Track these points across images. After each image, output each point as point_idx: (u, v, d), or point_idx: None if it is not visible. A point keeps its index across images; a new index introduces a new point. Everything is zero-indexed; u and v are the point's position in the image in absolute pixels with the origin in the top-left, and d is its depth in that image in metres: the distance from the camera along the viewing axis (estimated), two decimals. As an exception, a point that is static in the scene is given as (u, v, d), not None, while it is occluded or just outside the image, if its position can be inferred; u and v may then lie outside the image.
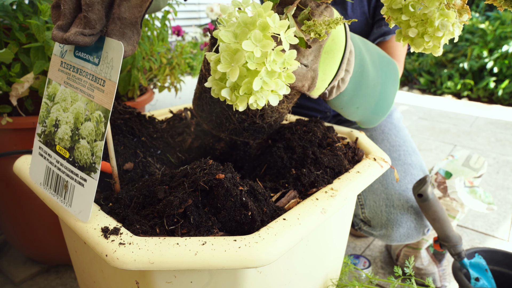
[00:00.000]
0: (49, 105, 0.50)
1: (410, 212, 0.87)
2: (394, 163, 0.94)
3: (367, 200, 0.91)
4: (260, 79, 0.37)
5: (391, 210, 0.87)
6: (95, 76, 0.45)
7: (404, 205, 0.87)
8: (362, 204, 0.92)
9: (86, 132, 0.45)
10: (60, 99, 0.49)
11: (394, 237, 0.88)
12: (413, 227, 0.87)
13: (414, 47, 0.40)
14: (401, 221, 0.86)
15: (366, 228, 0.94)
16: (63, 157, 0.48)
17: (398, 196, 0.88)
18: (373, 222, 0.90)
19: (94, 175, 0.44)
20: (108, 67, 0.44)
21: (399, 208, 0.87)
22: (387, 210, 0.87)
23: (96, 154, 0.44)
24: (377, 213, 0.89)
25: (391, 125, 1.04)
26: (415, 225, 0.87)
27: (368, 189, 0.92)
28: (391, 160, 0.93)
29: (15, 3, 0.83)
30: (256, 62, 0.36)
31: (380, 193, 0.89)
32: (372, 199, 0.90)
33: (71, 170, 0.47)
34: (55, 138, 0.49)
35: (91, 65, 0.46)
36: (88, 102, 0.46)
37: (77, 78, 0.47)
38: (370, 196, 0.91)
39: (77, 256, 0.63)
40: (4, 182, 0.91)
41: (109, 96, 0.43)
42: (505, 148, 2.13)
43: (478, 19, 3.22)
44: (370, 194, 0.91)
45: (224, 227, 0.47)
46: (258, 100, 0.38)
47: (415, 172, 0.93)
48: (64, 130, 0.48)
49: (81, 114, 0.46)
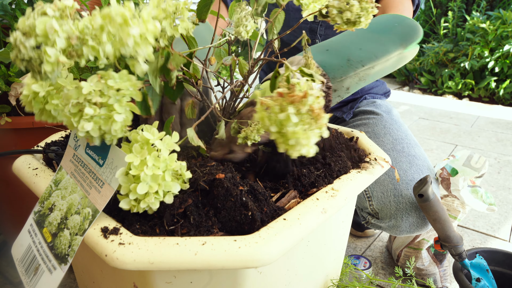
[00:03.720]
0: (52, 189, 0.53)
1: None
2: (399, 155, 0.94)
3: (374, 192, 0.91)
4: (146, 184, 0.43)
5: (400, 200, 0.87)
6: (96, 176, 0.47)
7: (412, 195, 0.87)
8: (369, 196, 0.92)
9: (72, 224, 0.47)
10: (63, 187, 0.51)
11: (403, 228, 0.88)
12: (422, 216, 0.87)
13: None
14: (410, 210, 0.86)
15: (374, 221, 0.94)
16: (45, 240, 0.50)
17: (406, 185, 0.88)
18: (382, 213, 0.90)
19: (63, 266, 0.46)
20: (111, 173, 0.45)
21: (407, 197, 0.87)
22: (396, 200, 0.87)
23: (72, 247, 0.45)
24: (385, 204, 0.89)
25: (392, 120, 1.05)
26: (423, 215, 0.87)
27: (375, 181, 0.92)
28: (396, 152, 0.94)
29: (14, 2, 0.83)
30: (136, 168, 0.43)
31: (387, 184, 0.90)
32: (379, 191, 0.90)
33: (47, 255, 0.48)
34: (45, 220, 0.51)
35: (95, 164, 0.48)
36: (83, 197, 0.48)
37: (81, 172, 0.50)
38: (377, 188, 0.91)
39: (76, 256, 0.63)
40: (4, 182, 0.91)
41: (103, 199, 0.45)
42: (506, 148, 2.12)
43: (479, 18, 3.21)
44: (377, 186, 0.91)
45: (224, 227, 0.47)
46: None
47: (420, 163, 0.93)
48: (55, 216, 0.50)
49: (74, 206, 0.48)
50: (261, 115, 0.40)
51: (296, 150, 0.39)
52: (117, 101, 0.42)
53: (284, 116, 0.38)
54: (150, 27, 0.41)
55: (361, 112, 1.12)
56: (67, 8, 0.38)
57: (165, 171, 0.44)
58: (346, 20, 0.46)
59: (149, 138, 0.43)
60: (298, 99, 0.38)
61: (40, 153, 0.64)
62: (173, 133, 0.46)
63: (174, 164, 0.44)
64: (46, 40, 0.36)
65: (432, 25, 3.92)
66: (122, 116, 0.43)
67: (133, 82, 0.43)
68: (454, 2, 3.61)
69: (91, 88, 0.41)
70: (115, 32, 0.38)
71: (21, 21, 0.37)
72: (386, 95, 1.24)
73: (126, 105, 0.43)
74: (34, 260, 0.50)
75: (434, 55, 3.45)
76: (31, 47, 0.36)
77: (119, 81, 0.43)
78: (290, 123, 0.38)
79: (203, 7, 0.55)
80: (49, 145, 0.68)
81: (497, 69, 3.03)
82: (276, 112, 0.38)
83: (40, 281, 0.48)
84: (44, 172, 0.57)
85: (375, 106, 1.12)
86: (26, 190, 0.78)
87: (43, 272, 0.48)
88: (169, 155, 0.44)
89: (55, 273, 0.46)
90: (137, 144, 0.44)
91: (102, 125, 0.42)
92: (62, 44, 0.37)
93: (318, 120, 0.38)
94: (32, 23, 0.36)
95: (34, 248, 0.51)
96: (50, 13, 0.37)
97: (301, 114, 0.38)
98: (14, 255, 0.55)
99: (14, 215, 0.96)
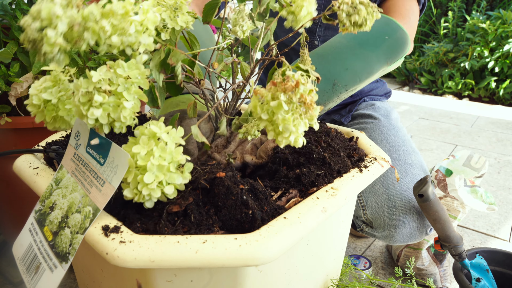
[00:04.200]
0: (53, 188, 0.53)
1: (412, 212, 0.87)
2: (394, 163, 0.93)
3: (368, 202, 0.91)
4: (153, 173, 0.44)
5: (393, 211, 0.86)
6: (97, 174, 0.48)
7: (406, 205, 0.87)
8: (364, 205, 0.92)
9: (73, 222, 0.47)
10: (63, 186, 0.52)
11: (397, 238, 0.88)
12: (416, 227, 0.87)
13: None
14: (404, 222, 0.86)
15: (368, 230, 0.94)
16: (46, 239, 0.50)
17: (400, 196, 0.87)
18: (375, 223, 0.90)
19: (64, 265, 0.46)
20: (112, 172, 0.46)
21: (401, 208, 0.86)
22: (389, 210, 0.87)
23: (73, 245, 0.46)
24: (379, 214, 0.88)
25: (389, 125, 1.03)
26: (417, 225, 0.87)
27: (369, 190, 0.91)
28: (392, 160, 0.93)
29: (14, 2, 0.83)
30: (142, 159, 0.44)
31: (381, 194, 0.89)
32: (373, 200, 0.90)
33: (47, 253, 0.49)
34: (46, 219, 0.51)
35: (96, 163, 0.48)
36: (84, 196, 0.48)
37: (82, 171, 0.50)
38: (371, 197, 0.90)
39: (77, 255, 0.63)
40: (5, 182, 0.91)
41: (104, 197, 0.45)
42: (506, 148, 2.12)
43: (479, 18, 3.22)
44: (371, 195, 0.91)
45: (224, 225, 0.47)
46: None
47: (416, 171, 0.92)
48: (56, 214, 0.50)
49: (75, 204, 0.48)
50: (254, 103, 0.41)
51: (284, 137, 0.40)
52: (126, 89, 0.44)
53: (275, 104, 0.39)
54: (150, 16, 0.43)
55: (359, 115, 1.11)
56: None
57: (171, 162, 0.45)
58: (353, 23, 0.48)
59: (156, 131, 0.44)
60: (290, 88, 0.39)
61: (40, 152, 0.64)
62: (178, 128, 0.47)
63: (179, 156, 0.45)
64: (49, 24, 0.39)
65: (432, 25, 3.92)
66: (131, 103, 0.44)
67: (142, 71, 0.45)
68: (454, 2, 3.61)
69: (100, 77, 0.43)
70: (117, 24, 0.40)
71: (33, 7, 0.40)
72: (387, 95, 1.23)
73: (135, 93, 0.45)
74: (35, 258, 0.50)
75: (434, 55, 3.46)
76: (35, 29, 0.38)
77: (128, 70, 0.44)
78: (281, 111, 0.39)
79: (209, 10, 0.57)
80: (49, 145, 0.68)
81: (497, 69, 3.03)
82: (269, 100, 0.40)
83: (41, 279, 0.48)
84: (44, 171, 0.58)
85: (374, 109, 1.11)
86: (26, 190, 0.78)
87: (44, 270, 0.48)
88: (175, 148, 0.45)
89: (56, 271, 0.46)
90: (145, 137, 0.45)
91: (111, 112, 0.44)
92: (63, 28, 0.39)
93: (309, 110, 0.40)
94: (38, 8, 0.38)
95: (35, 247, 0.51)
96: (56, 0, 0.39)
97: (293, 103, 0.40)
98: (15, 254, 0.55)
99: (14, 215, 0.96)
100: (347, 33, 0.57)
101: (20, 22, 0.39)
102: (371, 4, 0.49)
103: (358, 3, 0.48)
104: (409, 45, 0.79)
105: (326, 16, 0.51)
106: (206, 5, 0.57)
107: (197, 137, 0.49)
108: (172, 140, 0.45)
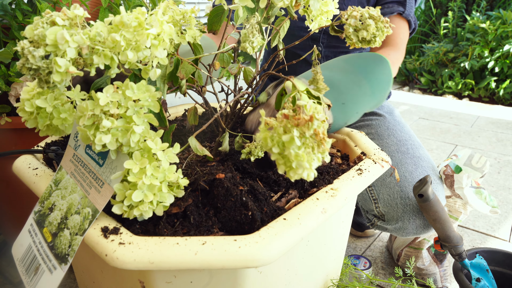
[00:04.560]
0: (52, 189, 0.52)
1: None
2: (404, 156, 0.94)
3: (380, 194, 0.91)
4: (142, 192, 0.42)
5: (407, 202, 0.87)
6: (96, 175, 0.47)
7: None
8: (376, 198, 0.92)
9: (72, 223, 0.47)
10: (62, 187, 0.51)
11: (409, 229, 0.88)
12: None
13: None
14: (417, 212, 0.86)
15: (380, 223, 0.94)
16: (45, 240, 0.50)
17: (412, 188, 0.88)
18: (388, 216, 0.90)
19: (64, 266, 0.46)
20: (111, 173, 0.45)
21: (414, 199, 0.87)
22: (403, 202, 0.87)
23: (72, 247, 0.45)
24: (392, 206, 0.89)
25: (394, 121, 1.05)
26: None
27: (381, 183, 0.92)
28: (401, 154, 0.94)
29: (14, 2, 0.83)
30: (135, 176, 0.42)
31: (393, 186, 0.89)
32: (386, 193, 0.90)
33: (47, 255, 0.49)
34: (46, 220, 0.51)
35: (95, 164, 0.48)
36: (83, 197, 0.48)
37: (81, 172, 0.50)
38: (383, 190, 0.91)
39: (76, 256, 0.63)
40: (5, 182, 0.91)
41: (103, 198, 0.45)
42: (506, 148, 2.12)
43: (479, 18, 3.21)
44: (383, 188, 0.91)
45: (224, 227, 0.47)
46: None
47: (425, 164, 0.93)
48: (55, 216, 0.50)
49: (74, 206, 0.48)
50: (264, 135, 0.39)
51: (297, 173, 0.38)
52: (136, 112, 0.42)
53: (287, 138, 0.37)
54: (165, 28, 0.40)
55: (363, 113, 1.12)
56: (77, 17, 0.37)
57: (163, 182, 0.43)
58: (361, 39, 0.47)
59: (152, 147, 0.43)
60: (303, 123, 0.37)
61: (40, 153, 0.64)
62: (174, 145, 0.45)
63: (172, 176, 0.43)
64: (56, 50, 0.35)
65: (432, 25, 3.92)
66: (141, 128, 0.42)
67: (152, 93, 0.42)
68: (454, 2, 3.61)
69: (108, 100, 0.40)
70: (131, 37, 0.37)
71: (28, 29, 0.36)
72: (387, 96, 1.25)
73: (145, 117, 0.42)
74: (35, 260, 0.50)
75: (434, 55, 3.45)
76: (40, 56, 0.35)
77: (137, 92, 0.42)
78: (293, 146, 0.37)
79: (214, 18, 0.54)
80: (49, 145, 0.68)
81: (497, 69, 3.03)
82: (280, 133, 0.38)
83: (40, 280, 0.48)
84: (44, 172, 0.58)
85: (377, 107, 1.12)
86: (26, 190, 0.78)
87: (44, 272, 0.48)
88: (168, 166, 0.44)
89: (56, 273, 0.46)
90: (138, 152, 0.43)
91: (120, 137, 0.41)
92: (72, 54, 0.36)
93: (321, 144, 0.37)
94: (41, 33, 0.35)
95: (34, 248, 0.51)
96: (60, 22, 0.36)
97: (305, 138, 0.37)
98: (15, 255, 0.55)
99: (14, 215, 0.96)
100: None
101: (17, 47, 0.36)
102: (382, 19, 0.47)
103: (367, 17, 0.46)
104: (391, 85, 0.85)
105: (335, 27, 0.50)
106: (212, 12, 0.54)
107: (196, 150, 0.47)
108: (166, 159, 0.43)
